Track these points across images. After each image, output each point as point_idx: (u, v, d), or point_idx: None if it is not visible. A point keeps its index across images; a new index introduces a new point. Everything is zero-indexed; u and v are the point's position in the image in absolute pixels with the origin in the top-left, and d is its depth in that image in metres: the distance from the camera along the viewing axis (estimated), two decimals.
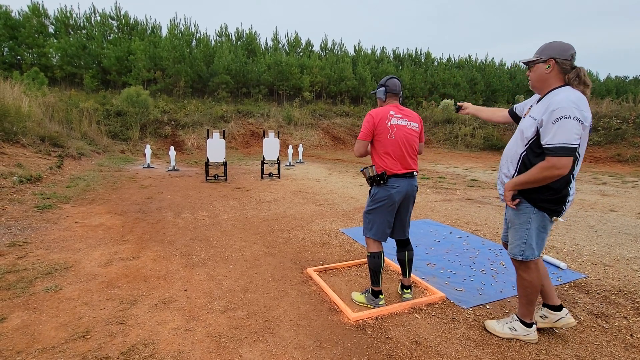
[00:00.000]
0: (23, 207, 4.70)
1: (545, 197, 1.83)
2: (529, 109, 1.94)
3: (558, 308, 2.08)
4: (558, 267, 3.14)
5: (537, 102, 1.89)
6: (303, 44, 24.58)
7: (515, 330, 2.03)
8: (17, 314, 2.21)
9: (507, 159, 1.97)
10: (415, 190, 2.41)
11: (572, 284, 2.86)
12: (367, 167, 2.38)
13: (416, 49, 30.59)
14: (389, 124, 2.30)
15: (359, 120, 19.58)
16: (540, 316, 2.12)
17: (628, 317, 2.34)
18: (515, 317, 2.06)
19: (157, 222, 4.39)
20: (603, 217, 4.99)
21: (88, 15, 19.48)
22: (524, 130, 1.86)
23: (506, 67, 29.78)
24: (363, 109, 21.57)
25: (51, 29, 18.66)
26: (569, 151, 1.67)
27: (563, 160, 1.68)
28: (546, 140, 1.72)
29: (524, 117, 1.96)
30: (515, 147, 1.93)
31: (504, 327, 2.07)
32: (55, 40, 17.93)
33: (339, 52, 25.39)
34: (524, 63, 1.89)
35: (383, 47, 28.60)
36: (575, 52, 1.78)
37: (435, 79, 25.51)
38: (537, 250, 1.92)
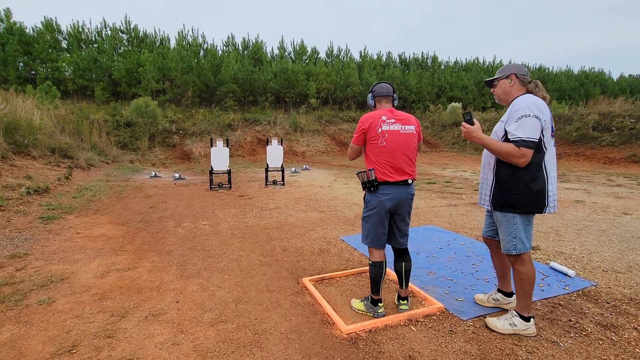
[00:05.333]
0: (28, 218, 4.77)
1: (524, 202, 2.01)
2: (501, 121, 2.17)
3: (510, 294, 2.42)
4: (566, 274, 2.99)
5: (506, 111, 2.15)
6: (309, 51, 24.66)
7: (516, 325, 2.12)
8: (8, 327, 2.20)
9: (484, 166, 2.21)
10: (410, 197, 2.32)
11: (580, 292, 2.71)
12: (362, 172, 2.33)
13: (422, 52, 30.54)
14: (380, 130, 2.23)
15: None
16: (494, 299, 2.46)
17: (639, 328, 2.20)
18: (515, 312, 2.17)
19: (157, 231, 4.39)
20: (616, 221, 4.78)
21: (99, 30, 20.02)
22: (497, 132, 2.12)
23: None
24: None
25: (64, 44, 19.18)
26: (532, 144, 1.92)
27: (526, 152, 1.92)
28: (511, 132, 1.94)
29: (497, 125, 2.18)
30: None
31: (505, 323, 2.15)
32: (67, 55, 18.44)
33: (345, 58, 25.40)
34: (488, 81, 2.20)
35: (389, 52, 28.60)
36: (528, 70, 2.15)
37: (443, 83, 25.25)
38: (527, 242, 2.09)
